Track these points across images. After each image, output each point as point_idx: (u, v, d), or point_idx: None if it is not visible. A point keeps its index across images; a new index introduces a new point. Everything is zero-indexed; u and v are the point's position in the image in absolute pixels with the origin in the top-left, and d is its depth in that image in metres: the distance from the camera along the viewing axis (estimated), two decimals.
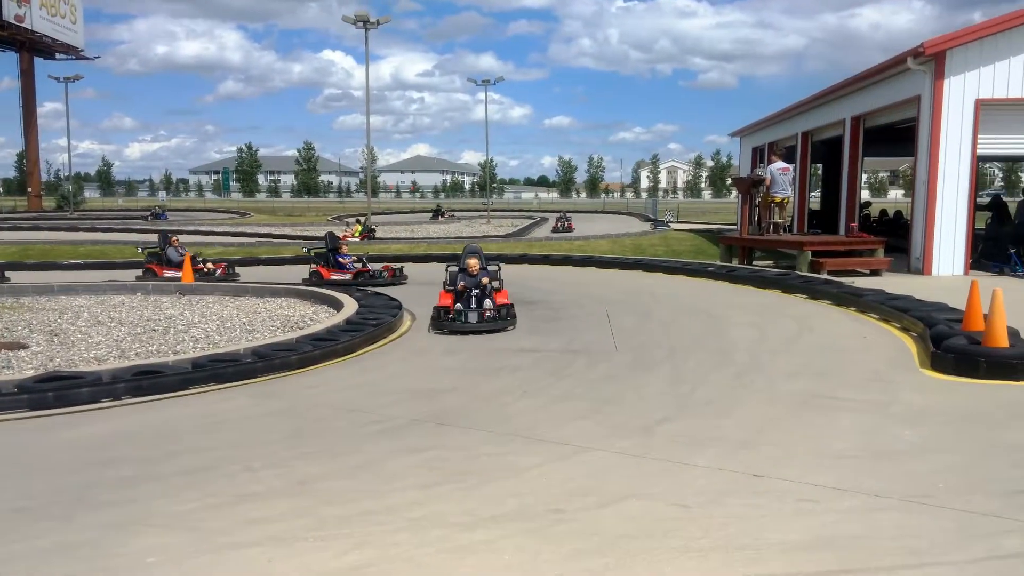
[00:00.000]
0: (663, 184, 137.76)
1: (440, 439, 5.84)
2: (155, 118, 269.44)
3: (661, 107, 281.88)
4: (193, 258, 16.25)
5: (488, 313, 10.46)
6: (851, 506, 4.39)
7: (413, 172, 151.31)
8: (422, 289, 14.20)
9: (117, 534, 4.09)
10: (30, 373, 7.62)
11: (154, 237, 19.94)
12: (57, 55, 65.51)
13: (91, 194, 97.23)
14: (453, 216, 48.18)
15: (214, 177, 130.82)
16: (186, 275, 15.41)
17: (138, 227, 35.90)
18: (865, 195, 44.61)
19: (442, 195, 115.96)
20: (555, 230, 33.64)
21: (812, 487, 4.67)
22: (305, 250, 17.86)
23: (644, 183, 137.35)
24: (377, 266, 16.53)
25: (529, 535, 4.04)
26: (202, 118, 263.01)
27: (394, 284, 15.42)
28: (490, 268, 11.54)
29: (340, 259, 16.10)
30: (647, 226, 34.71)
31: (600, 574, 3.61)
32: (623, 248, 24.25)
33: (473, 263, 11.15)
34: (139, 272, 17.05)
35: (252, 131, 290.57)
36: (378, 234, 30.57)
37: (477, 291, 10.75)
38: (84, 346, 9.53)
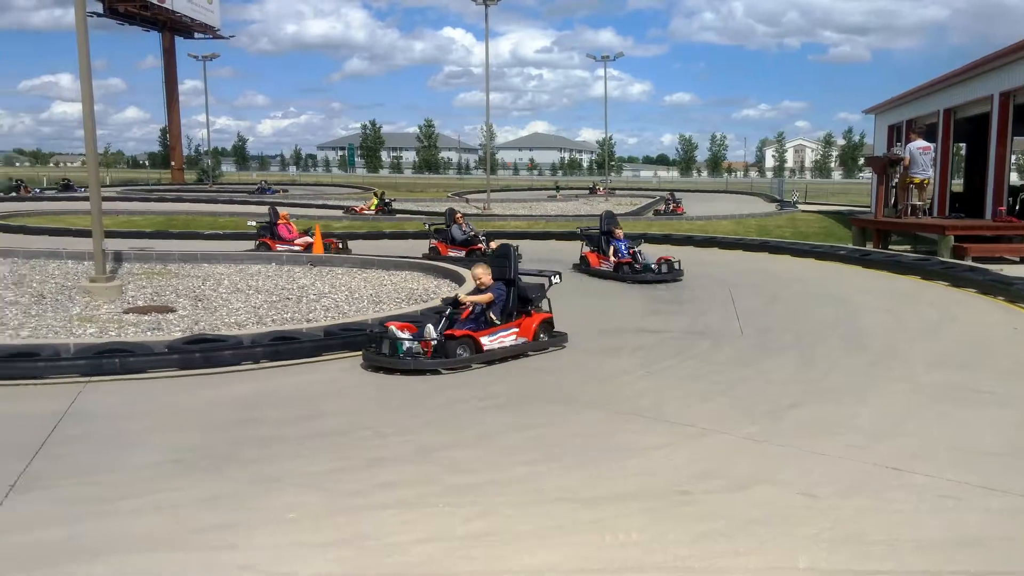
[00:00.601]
0: (789, 163, 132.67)
1: (559, 416, 5.88)
2: (285, 95, 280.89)
3: (788, 83, 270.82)
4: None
5: (422, 347, 7.17)
6: (998, 506, 4.14)
7: (531, 149, 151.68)
8: (539, 267, 14.26)
9: (259, 489, 4.34)
10: (178, 335, 8.13)
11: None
12: (196, 34, 69.04)
13: (227, 168, 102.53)
14: (568, 193, 47.98)
15: (340, 153, 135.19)
16: (316, 247, 16.06)
17: (270, 200, 37.56)
18: (1013, 177, 41.40)
19: (559, 173, 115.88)
20: (659, 213, 29.82)
21: (953, 483, 4.43)
22: (426, 226, 18.16)
23: (769, 162, 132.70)
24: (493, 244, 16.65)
25: (654, 515, 4.03)
26: (329, 96, 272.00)
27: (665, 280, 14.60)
28: (527, 285, 8.35)
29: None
30: (772, 207, 33.55)
31: (730, 558, 3.56)
32: (747, 229, 23.57)
33: (480, 273, 8.18)
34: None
35: (376, 108, 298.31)
36: (496, 211, 30.86)
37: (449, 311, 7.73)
38: (225, 311, 10.09)
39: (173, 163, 68.27)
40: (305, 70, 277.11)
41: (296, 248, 16.31)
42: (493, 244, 14.67)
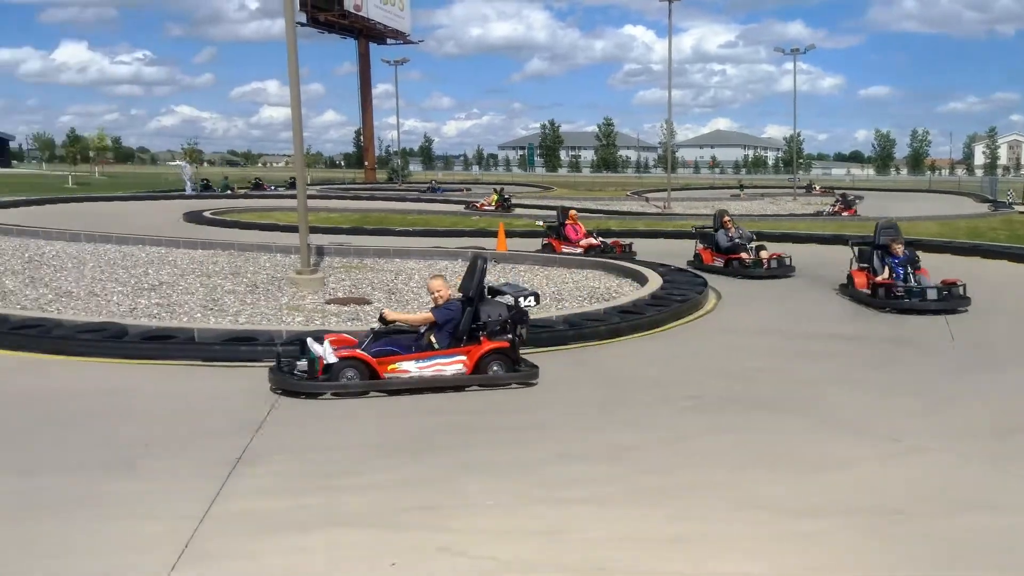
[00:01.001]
0: (1002, 160, 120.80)
1: (753, 421, 5.68)
2: (469, 97, 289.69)
3: (1001, 73, 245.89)
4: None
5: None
6: None
7: (712, 147, 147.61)
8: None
9: (457, 475, 4.51)
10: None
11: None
12: (388, 40, 72.61)
13: (415, 168, 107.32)
14: (752, 192, 46.24)
15: (520, 152, 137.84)
16: (500, 244, 16.45)
17: (456, 199, 38.85)
18: None
19: (743, 171, 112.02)
20: (829, 215, 27.12)
21: None
22: (693, 228, 16.91)
23: (979, 159, 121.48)
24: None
25: (863, 533, 3.79)
26: (510, 96, 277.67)
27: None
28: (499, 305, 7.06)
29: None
30: (984, 207, 30.71)
31: None
32: (955, 231, 21.70)
33: (435, 286, 6.89)
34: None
35: (555, 108, 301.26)
36: (677, 210, 30.31)
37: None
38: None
39: (366, 163, 72.23)
40: (488, 72, 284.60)
41: (578, 251, 15.59)
42: (764, 253, 13.43)
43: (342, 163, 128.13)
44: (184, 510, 3.93)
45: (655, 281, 11.50)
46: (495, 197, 30.90)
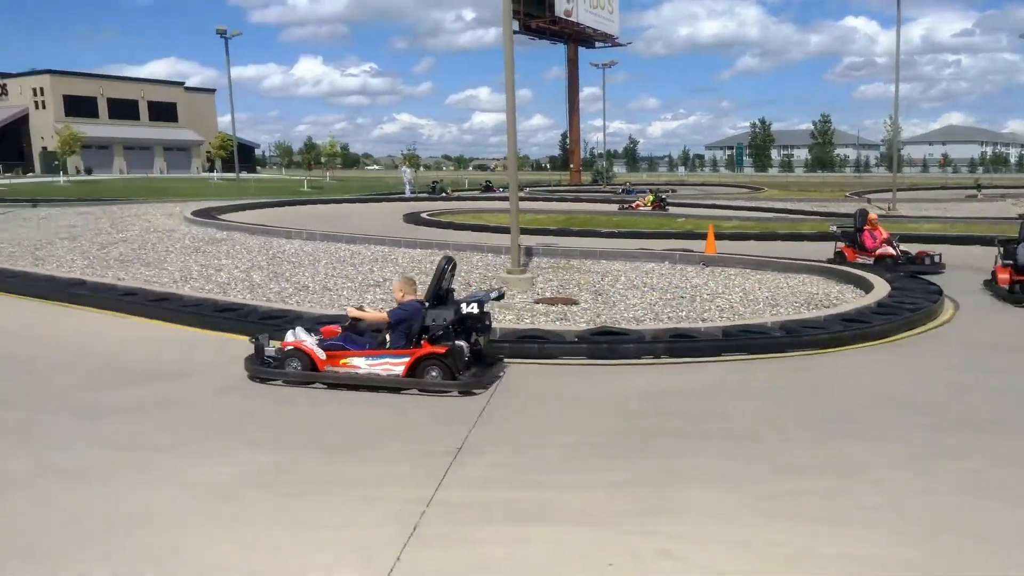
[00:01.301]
0: None
1: (1003, 447, 5.12)
2: (675, 97, 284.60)
3: None
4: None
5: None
6: None
7: (944, 143, 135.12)
8: (964, 275, 12.67)
9: (668, 480, 4.44)
10: (583, 326, 8.67)
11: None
12: (596, 44, 73.07)
13: (619, 170, 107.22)
14: (991, 192, 41.77)
15: (727, 152, 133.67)
16: (709, 246, 16.05)
17: (674, 201, 38.28)
18: None
19: (979, 169, 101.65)
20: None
21: None
22: (832, 228, 16.87)
23: None
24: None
25: None
26: (718, 95, 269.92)
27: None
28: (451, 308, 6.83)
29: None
30: None
31: None
32: None
33: (396, 287, 7.08)
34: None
35: (766, 106, 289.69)
36: (904, 212, 28.04)
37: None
38: (623, 306, 10.52)
39: (572, 165, 73.15)
40: (695, 71, 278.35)
41: (870, 261, 14.05)
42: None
43: (547, 166, 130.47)
44: (411, 494, 4.17)
45: (881, 288, 10.72)
46: (650, 198, 30.76)
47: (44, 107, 71.36)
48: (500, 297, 7.58)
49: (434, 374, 6.44)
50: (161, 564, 3.50)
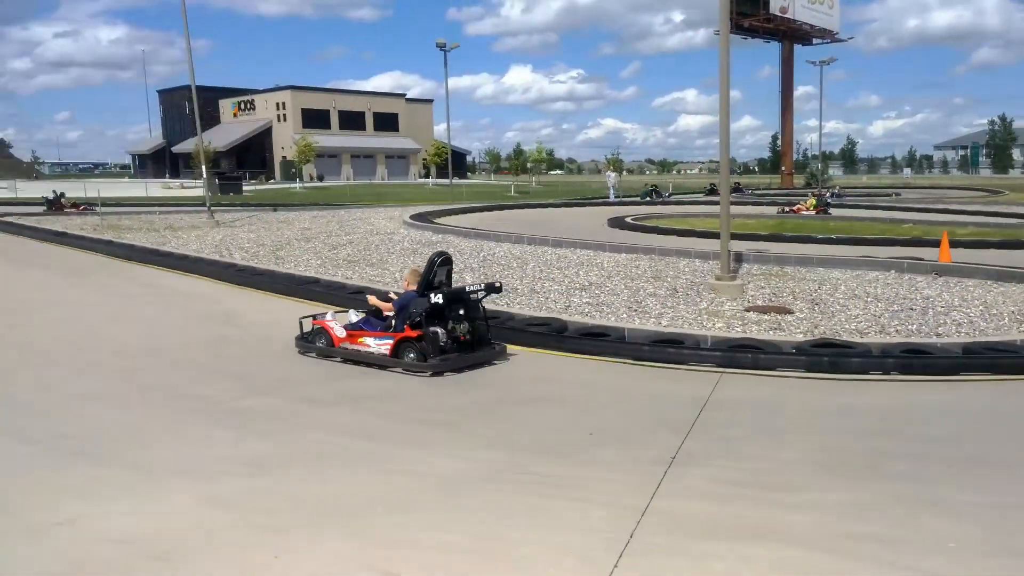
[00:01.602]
0: None
1: None
2: (900, 94, 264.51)
3: None
4: None
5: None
6: None
7: None
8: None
9: (909, 507, 4.10)
10: (800, 337, 8.23)
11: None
12: (813, 40, 69.33)
13: (835, 172, 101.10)
14: None
15: (960, 153, 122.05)
16: (943, 255, 14.72)
17: (894, 205, 35.69)
18: None
19: None
20: None
21: None
22: None
23: None
24: None
25: None
26: (950, 91, 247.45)
27: None
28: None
29: None
30: None
31: None
32: None
33: (406, 277, 8.10)
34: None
35: (1007, 101, 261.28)
36: None
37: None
38: (843, 317, 9.88)
39: (783, 168, 70.01)
40: (924, 66, 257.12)
41: None
42: None
43: (755, 168, 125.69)
44: (626, 501, 4.14)
45: None
46: (812, 201, 29.76)
47: (285, 120, 78.70)
48: (495, 290, 7.96)
49: (411, 356, 7.23)
50: (399, 546, 3.71)
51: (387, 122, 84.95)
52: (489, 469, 4.80)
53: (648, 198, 39.66)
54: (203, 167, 29.82)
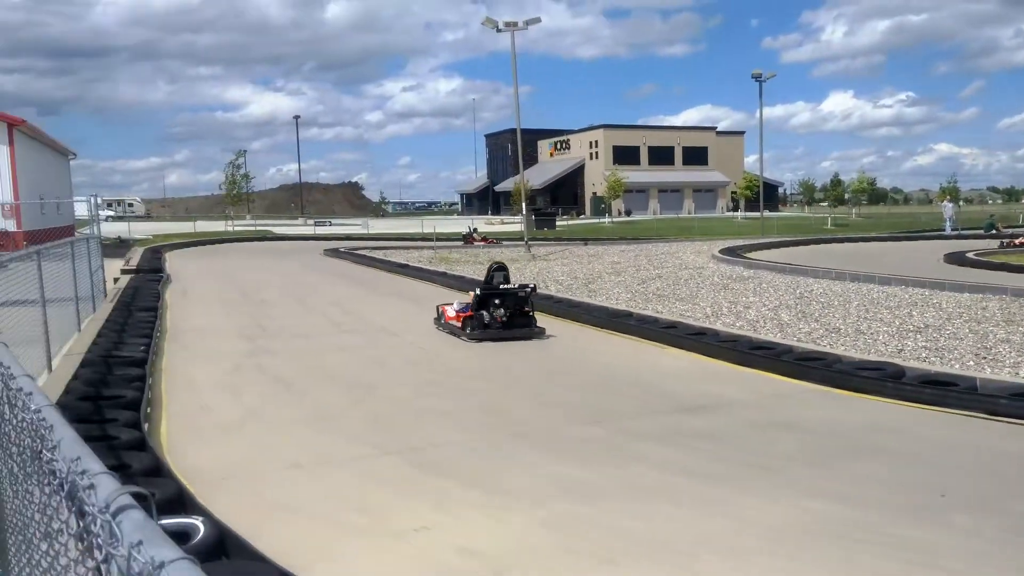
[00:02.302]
0: None
1: None
2: None
3: None
4: None
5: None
6: None
7: None
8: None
9: None
10: None
11: None
12: None
13: None
14: None
15: None
16: None
17: None
18: None
19: None
20: None
21: None
22: None
23: None
24: None
25: None
26: None
27: None
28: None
29: None
30: None
31: None
32: None
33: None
34: None
35: None
36: None
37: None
38: None
39: None
40: None
41: None
42: None
43: None
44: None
45: None
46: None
47: (596, 157, 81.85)
48: (524, 288, 11.28)
49: (468, 329, 10.70)
50: None
51: (696, 156, 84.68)
52: (822, 522, 4.54)
53: (993, 230, 35.16)
54: (522, 204, 31.93)
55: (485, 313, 10.76)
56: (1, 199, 23.63)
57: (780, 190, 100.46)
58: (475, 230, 35.34)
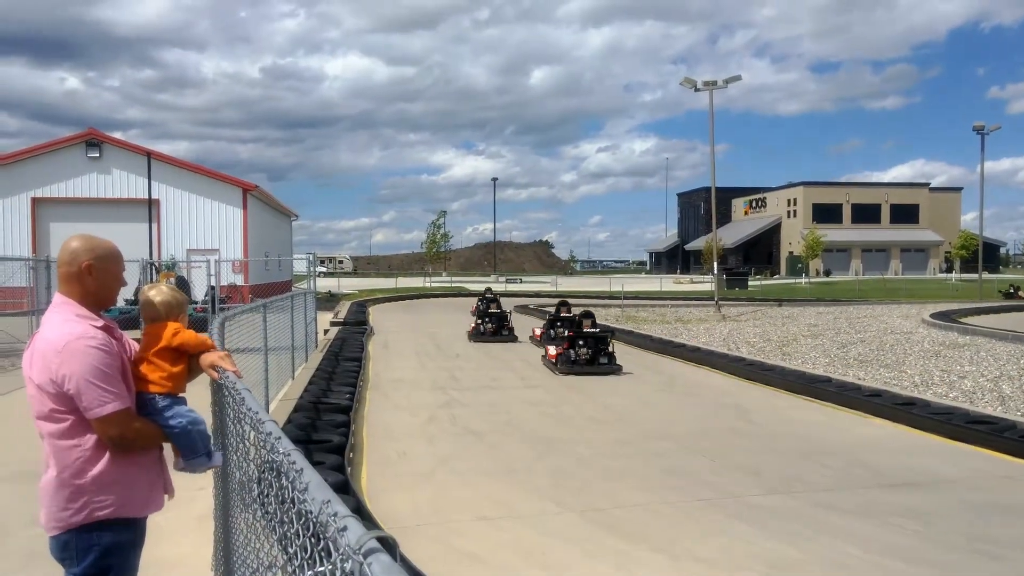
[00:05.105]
0: None
1: None
2: None
3: None
4: None
5: None
6: None
7: None
8: None
9: None
10: None
11: None
12: None
13: None
14: None
15: None
16: None
17: None
18: None
19: None
20: None
21: None
22: None
23: None
24: None
25: None
26: None
27: None
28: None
29: None
30: None
31: None
32: None
33: None
34: None
35: None
36: None
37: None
38: None
39: None
40: None
41: None
42: None
43: None
44: None
45: None
46: None
47: (795, 215, 78.88)
48: (608, 330, 13.62)
49: (557, 365, 13.07)
50: None
51: (905, 213, 79.46)
52: None
53: None
54: (714, 263, 31.31)
55: (572, 351, 12.78)
56: (233, 256, 26.36)
57: (1002, 250, 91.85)
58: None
